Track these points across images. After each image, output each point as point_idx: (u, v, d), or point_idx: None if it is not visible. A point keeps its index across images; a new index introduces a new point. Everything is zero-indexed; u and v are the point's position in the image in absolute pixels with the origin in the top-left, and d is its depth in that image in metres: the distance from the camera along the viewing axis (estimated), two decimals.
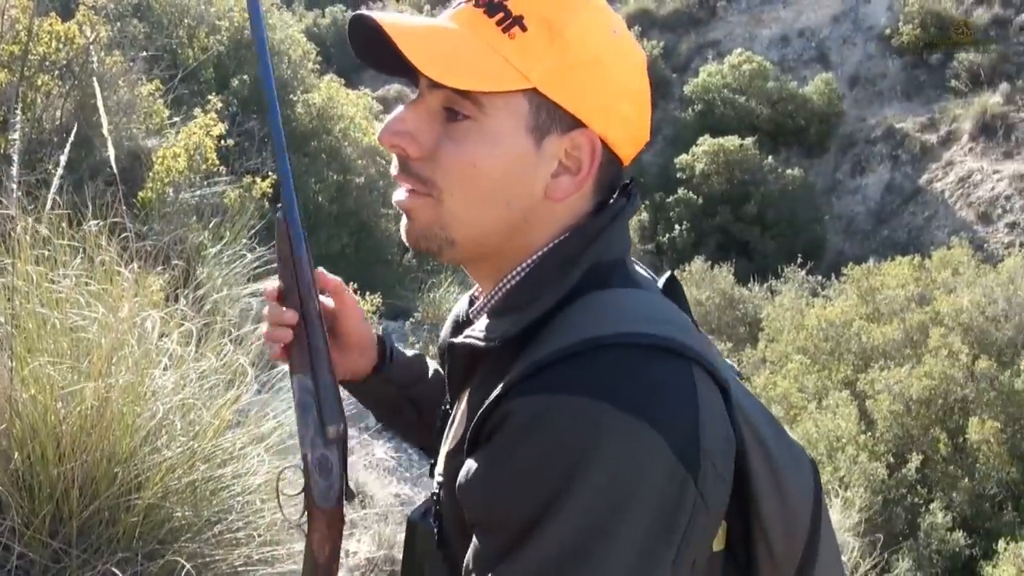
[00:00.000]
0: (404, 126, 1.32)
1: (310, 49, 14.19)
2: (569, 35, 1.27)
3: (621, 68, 1.33)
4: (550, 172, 1.31)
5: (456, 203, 1.31)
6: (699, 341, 1.28)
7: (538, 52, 1.26)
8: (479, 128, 1.28)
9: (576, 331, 1.21)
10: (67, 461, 3.16)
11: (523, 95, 1.27)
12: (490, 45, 1.26)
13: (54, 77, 6.75)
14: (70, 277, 3.69)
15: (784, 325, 13.11)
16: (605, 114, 1.31)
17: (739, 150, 24.70)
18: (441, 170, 1.30)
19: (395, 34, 1.25)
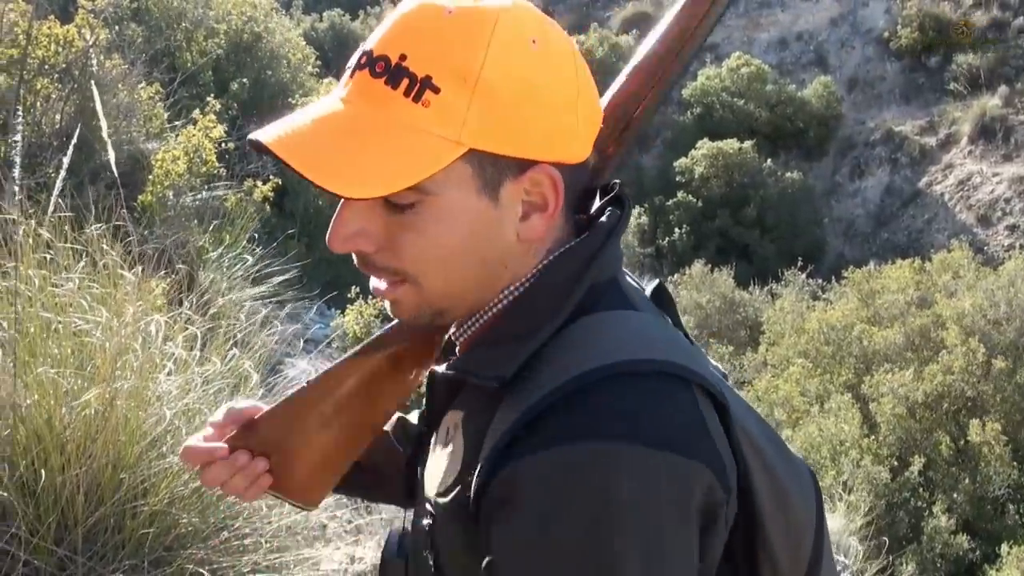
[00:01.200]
0: (350, 228, 1.22)
1: (309, 53, 14.18)
2: (487, 78, 1.14)
3: (553, 81, 1.20)
4: (517, 217, 1.22)
5: (434, 281, 1.22)
6: (694, 358, 1.23)
7: (460, 111, 1.13)
8: (429, 212, 1.18)
9: (574, 365, 1.14)
10: (72, 467, 3.13)
11: (461, 160, 1.15)
12: (405, 124, 1.14)
13: (53, 80, 6.73)
14: (73, 281, 3.66)
15: (785, 328, 13.12)
16: (552, 139, 1.20)
17: (738, 153, 24.73)
18: (407, 259, 1.21)
19: (291, 158, 1.13)
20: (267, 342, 4.45)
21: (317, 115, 1.18)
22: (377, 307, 8.91)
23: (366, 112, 1.16)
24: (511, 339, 1.21)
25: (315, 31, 31.63)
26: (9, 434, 3.18)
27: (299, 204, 11.18)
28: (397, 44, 1.16)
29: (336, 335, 8.11)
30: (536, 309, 1.23)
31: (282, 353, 5.69)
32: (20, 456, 3.17)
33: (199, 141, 6.67)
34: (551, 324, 1.19)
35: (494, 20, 1.16)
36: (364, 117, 1.15)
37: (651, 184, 25.57)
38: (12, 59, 6.50)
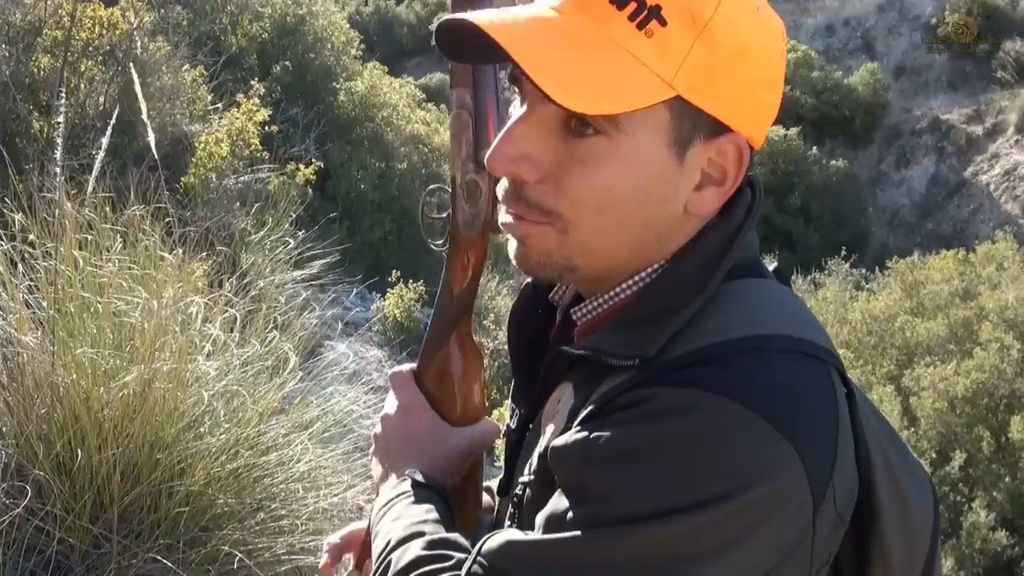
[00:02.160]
0: (518, 148, 1.12)
1: (353, 36, 14.19)
2: (715, 27, 1.06)
3: (767, 54, 1.13)
4: (692, 185, 1.14)
5: (586, 234, 1.13)
6: (827, 337, 1.18)
7: (681, 52, 1.05)
8: (612, 147, 1.08)
9: (719, 331, 1.09)
10: (109, 447, 3.14)
11: (664, 105, 1.07)
12: (624, 47, 1.05)
13: (97, 63, 6.77)
14: (113, 262, 3.68)
15: (828, 318, 13.00)
16: (751, 111, 1.14)
17: (783, 140, 24.58)
18: (567, 200, 1.11)
19: (504, 39, 1.03)
20: (307, 325, 4.45)
21: (529, 15, 1.09)
22: (417, 291, 8.93)
23: (586, 26, 1.07)
24: (652, 318, 1.12)
25: (360, 15, 31.71)
26: (46, 413, 3.20)
27: (341, 187, 11.22)
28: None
29: (376, 319, 8.15)
30: (679, 288, 1.14)
31: (322, 336, 5.70)
32: (57, 435, 3.19)
33: (242, 124, 6.69)
34: (694, 304, 1.11)
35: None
36: (584, 30, 1.06)
37: None
38: (56, 41, 6.55)
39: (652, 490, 1.01)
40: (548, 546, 1.04)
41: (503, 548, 1.08)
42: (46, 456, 3.11)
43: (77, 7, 6.73)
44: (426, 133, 14.03)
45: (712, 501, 0.99)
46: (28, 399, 3.22)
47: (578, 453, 1.05)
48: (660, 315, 1.12)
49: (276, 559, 3.40)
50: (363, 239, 10.22)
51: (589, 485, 1.04)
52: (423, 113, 15.63)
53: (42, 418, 3.20)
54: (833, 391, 1.11)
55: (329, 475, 3.86)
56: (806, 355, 1.10)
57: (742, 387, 1.03)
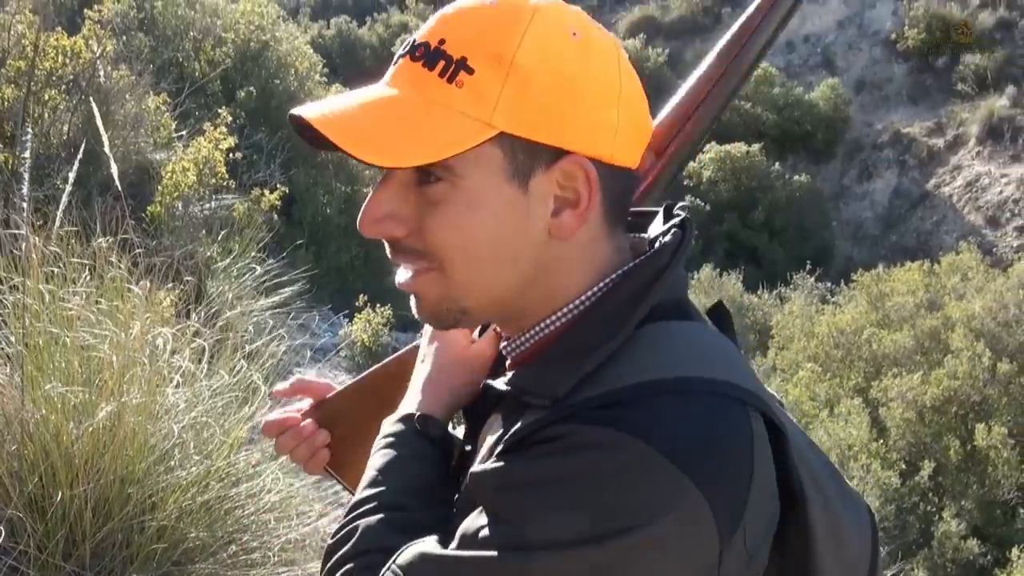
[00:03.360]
0: (380, 210, 1.20)
1: (316, 60, 14.20)
2: (521, 61, 1.13)
3: (592, 73, 1.17)
4: (548, 211, 1.19)
5: (460, 271, 1.19)
6: (755, 380, 1.21)
7: (493, 92, 1.13)
8: (455, 190, 1.16)
9: (633, 373, 1.12)
10: (80, 483, 3.13)
11: (491, 143, 1.13)
12: (439, 103, 1.14)
13: (61, 92, 6.74)
14: (80, 295, 3.66)
15: (794, 333, 13.10)
16: (588, 131, 1.17)
17: (746, 157, 24.74)
18: (434, 242, 1.18)
19: (329, 130, 1.13)
20: (276, 353, 4.44)
21: (356, 95, 1.20)
22: (385, 315, 8.93)
23: (404, 93, 1.16)
24: (567, 358, 1.17)
25: (322, 38, 31.72)
26: (16, 449, 3.18)
27: (307, 212, 11.21)
28: (438, 31, 1.17)
29: (344, 344, 8.14)
30: (595, 328, 1.19)
31: (291, 363, 5.68)
32: (28, 472, 3.17)
33: (209, 152, 6.67)
34: (610, 344, 1.16)
35: (533, 10, 1.16)
36: (401, 97, 1.16)
37: None
38: (20, 71, 6.52)
39: (559, 520, 1.05)
40: (456, 562, 1.11)
41: (415, 560, 1.15)
42: (17, 494, 3.09)
43: (40, 36, 6.71)
44: None
45: (613, 535, 1.03)
46: None
47: (494, 480, 1.12)
48: (574, 356, 1.17)
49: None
50: (329, 264, 10.21)
51: (502, 510, 1.10)
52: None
53: (12, 455, 3.17)
54: (750, 431, 1.12)
55: (300, 504, 3.86)
56: (721, 396, 1.13)
57: (648, 427, 1.06)
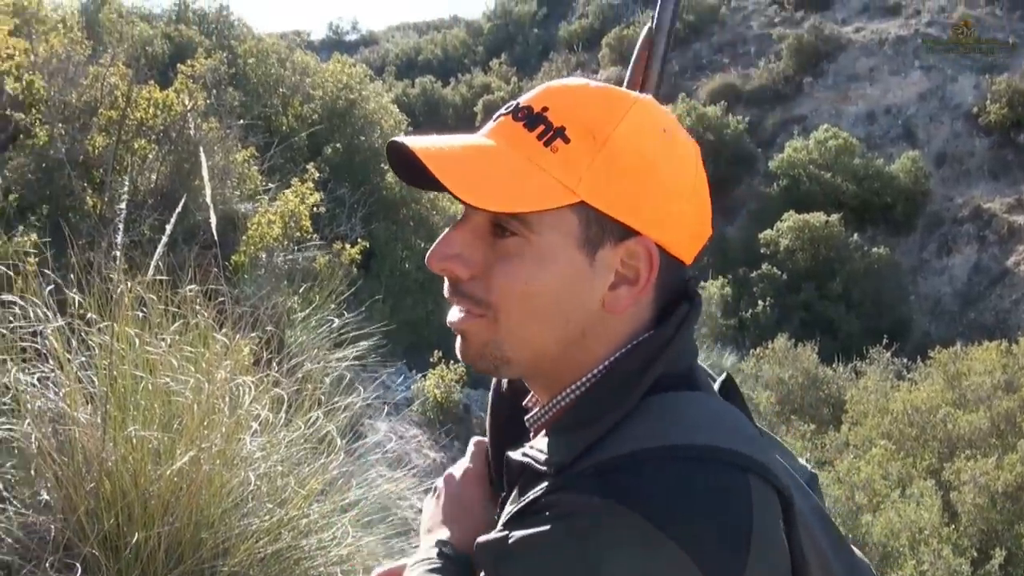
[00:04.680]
0: (452, 249, 1.26)
1: (401, 119, 14.40)
2: (614, 142, 1.21)
3: (673, 168, 1.24)
4: (607, 284, 1.24)
5: (513, 322, 1.25)
6: (760, 447, 1.21)
7: (582, 164, 1.19)
8: (528, 246, 1.22)
9: (632, 440, 1.16)
10: (155, 524, 3.18)
11: (571, 209, 1.20)
12: (532, 161, 1.21)
13: (150, 142, 6.91)
14: (165, 340, 3.74)
15: (868, 408, 12.90)
16: (659, 218, 1.23)
17: (824, 227, 24.51)
18: (494, 291, 1.24)
19: (429, 160, 1.20)
20: (351, 406, 4.49)
21: (456, 138, 1.27)
22: (458, 372, 8.96)
23: (501, 146, 1.24)
24: (573, 428, 1.22)
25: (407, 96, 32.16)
26: (95, 487, 3.24)
27: (385, 267, 11.31)
28: (542, 99, 1.25)
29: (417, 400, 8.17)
30: (602, 398, 1.24)
31: (365, 416, 5.73)
32: (104, 510, 3.23)
33: (295, 206, 6.81)
34: (615, 413, 1.20)
35: (633, 100, 1.25)
36: (498, 149, 1.23)
37: (735, 255, 25.43)
38: (111, 120, 6.70)
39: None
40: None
41: None
42: (94, 532, 3.15)
43: (132, 88, 6.91)
44: None
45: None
46: (77, 474, 3.26)
47: (494, 549, 1.17)
48: (579, 427, 1.22)
49: None
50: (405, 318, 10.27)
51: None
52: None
53: (90, 493, 3.24)
54: (748, 495, 1.13)
55: (368, 559, 3.88)
56: (714, 461, 1.14)
57: (633, 492, 1.10)
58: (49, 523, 3.26)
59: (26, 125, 6.55)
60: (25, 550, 3.19)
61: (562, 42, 46.51)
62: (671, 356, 1.25)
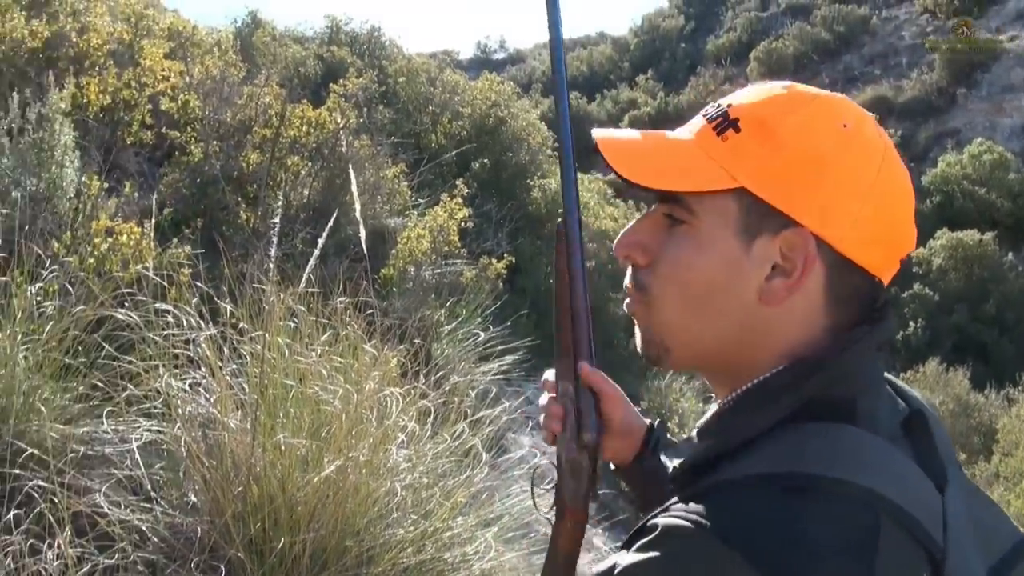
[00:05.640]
0: (634, 237, 1.31)
1: (548, 135, 14.47)
2: (783, 133, 1.20)
3: (846, 162, 1.20)
4: (763, 275, 1.21)
5: (667, 308, 1.27)
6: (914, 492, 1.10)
7: (748, 152, 1.21)
8: (692, 231, 1.23)
9: (750, 464, 1.11)
10: (301, 530, 3.23)
11: (732, 196, 1.21)
12: (703, 149, 1.24)
13: (303, 159, 7.07)
14: (315, 351, 3.81)
15: (1021, 438, 12.51)
16: (824, 212, 1.19)
17: (979, 245, 23.88)
18: (658, 275, 1.27)
19: (603, 144, 1.29)
20: (495, 419, 4.52)
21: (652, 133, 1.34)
22: None
23: (683, 136, 1.29)
24: (704, 436, 1.24)
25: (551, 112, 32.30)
26: (242, 491, 3.31)
27: (530, 282, 11.37)
28: (731, 97, 1.29)
29: None
30: (738, 411, 1.23)
31: (507, 429, 5.75)
32: (251, 514, 3.29)
33: (444, 221, 6.90)
34: (747, 427, 1.17)
35: (812, 97, 1.25)
36: (678, 139, 1.29)
37: None
38: (265, 138, 6.88)
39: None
40: None
41: None
42: (240, 535, 3.21)
43: (286, 107, 7.09)
44: (614, 229, 14.12)
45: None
46: (226, 478, 3.34)
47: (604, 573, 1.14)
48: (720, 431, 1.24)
49: None
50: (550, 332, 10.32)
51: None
52: (611, 209, 15.73)
53: (238, 497, 3.31)
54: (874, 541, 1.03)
55: (509, 574, 3.89)
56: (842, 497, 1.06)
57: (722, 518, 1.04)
58: (196, 524, 3.34)
59: (181, 143, 6.76)
60: (171, 550, 3.27)
61: (710, 56, 46.26)
62: (825, 380, 1.18)
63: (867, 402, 1.20)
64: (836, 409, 1.16)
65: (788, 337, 1.23)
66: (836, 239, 1.20)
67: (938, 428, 1.26)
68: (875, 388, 1.24)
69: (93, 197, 4.92)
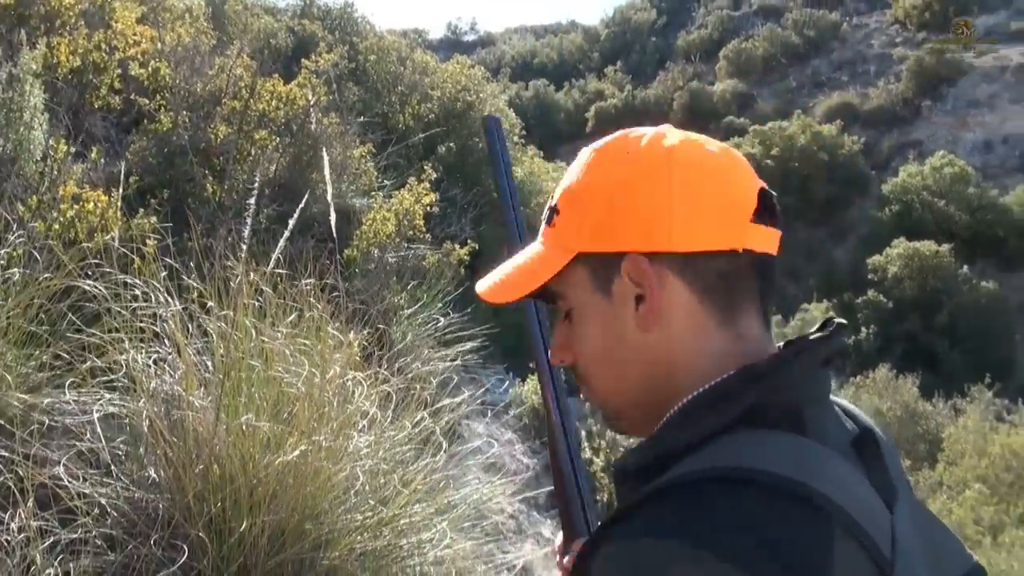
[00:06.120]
0: (554, 345, 1.42)
1: (515, 122, 14.47)
2: (581, 191, 1.31)
3: (639, 180, 1.26)
4: (631, 311, 1.27)
5: (598, 385, 1.36)
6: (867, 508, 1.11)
7: (569, 222, 1.32)
8: (575, 314, 1.34)
9: (703, 459, 1.12)
10: (261, 512, 3.23)
11: (577, 265, 1.31)
12: (544, 244, 1.37)
13: (272, 133, 7.04)
14: (281, 331, 3.81)
15: (966, 449, 12.68)
16: (642, 231, 1.25)
17: (935, 256, 24.16)
18: (579, 364, 1.37)
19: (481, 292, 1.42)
20: (455, 408, 4.54)
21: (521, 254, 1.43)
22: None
23: (531, 245, 1.41)
24: (651, 442, 1.26)
25: (520, 99, 32.30)
26: (203, 471, 3.31)
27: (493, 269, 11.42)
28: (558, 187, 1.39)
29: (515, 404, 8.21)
30: (686, 419, 1.23)
31: (463, 417, 5.77)
32: (212, 494, 3.29)
33: (410, 205, 6.89)
34: (690, 432, 1.19)
35: (604, 144, 1.34)
36: (530, 249, 1.41)
37: (841, 279, 25.17)
38: (234, 111, 6.84)
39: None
40: None
41: None
42: (201, 514, 3.21)
43: (256, 80, 7.05)
44: None
45: None
46: (187, 456, 3.34)
47: None
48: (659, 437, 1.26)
49: None
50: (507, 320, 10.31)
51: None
52: None
53: (199, 476, 3.30)
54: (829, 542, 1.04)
55: (461, 562, 3.91)
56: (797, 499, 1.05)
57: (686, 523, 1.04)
58: (156, 501, 3.33)
59: (150, 110, 6.71)
60: (131, 525, 3.26)
61: (679, 51, 46.37)
62: (774, 386, 1.20)
63: (814, 413, 1.21)
64: (783, 417, 1.18)
65: (688, 347, 1.27)
66: (666, 244, 1.24)
67: (888, 448, 1.28)
68: (823, 402, 1.27)
69: (60, 161, 4.88)
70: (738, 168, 1.30)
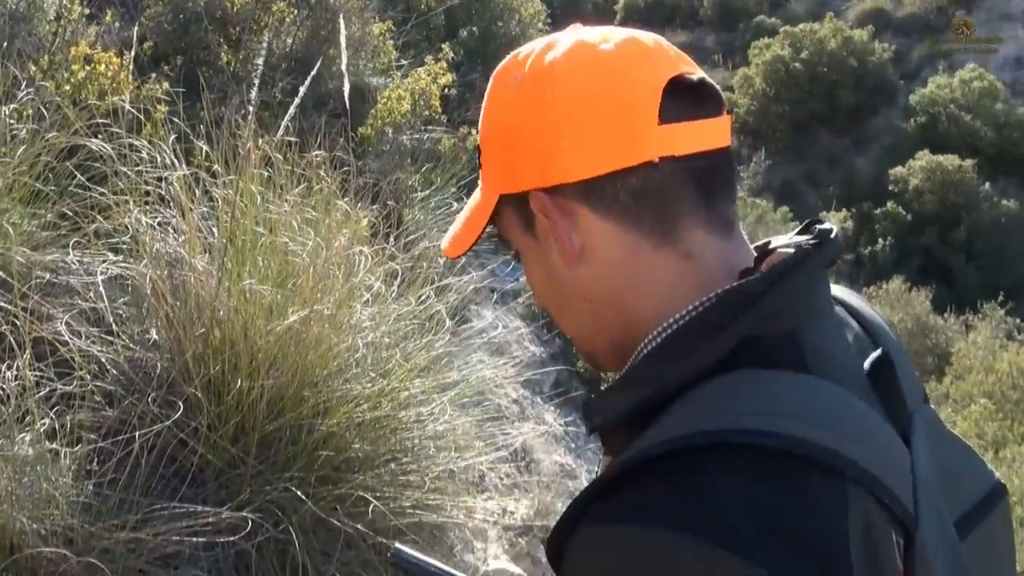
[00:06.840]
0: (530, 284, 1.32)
1: (540, 9, 14.24)
2: (485, 130, 1.25)
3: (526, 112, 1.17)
4: (555, 247, 1.19)
5: (557, 321, 1.29)
6: (879, 450, 0.99)
7: (487, 165, 1.25)
8: (522, 256, 1.27)
9: (674, 423, 0.98)
10: (260, 376, 3.26)
11: (504, 208, 1.23)
12: (479, 187, 1.29)
13: (290, 5, 6.94)
14: (288, 201, 3.80)
15: (974, 364, 12.70)
16: (532, 166, 1.16)
17: (957, 171, 23.93)
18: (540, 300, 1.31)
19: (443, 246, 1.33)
20: (460, 288, 4.53)
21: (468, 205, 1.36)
22: None
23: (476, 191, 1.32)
24: (632, 385, 1.12)
25: None
26: (204, 334, 3.32)
27: None
28: None
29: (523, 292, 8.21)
30: (670, 355, 1.10)
31: (471, 300, 5.78)
32: (211, 356, 3.31)
33: (426, 85, 6.81)
34: (674, 372, 1.06)
35: (498, 68, 1.25)
36: (474, 194, 1.32)
37: (862, 189, 24.96)
38: None
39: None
40: None
41: None
42: (199, 375, 3.24)
43: None
44: None
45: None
46: (188, 318, 3.35)
47: None
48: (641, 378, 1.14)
49: (401, 511, 3.48)
50: None
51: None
52: None
53: (199, 338, 3.32)
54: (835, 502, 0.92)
55: (461, 438, 3.94)
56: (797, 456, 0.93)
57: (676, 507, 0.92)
58: (155, 360, 3.35)
59: None
60: (129, 382, 3.29)
61: None
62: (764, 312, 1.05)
63: (817, 340, 1.08)
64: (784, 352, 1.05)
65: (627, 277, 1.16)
66: (561, 175, 1.14)
67: (899, 357, 1.16)
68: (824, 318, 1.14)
69: (73, 22, 4.82)
70: (640, 61, 1.13)
